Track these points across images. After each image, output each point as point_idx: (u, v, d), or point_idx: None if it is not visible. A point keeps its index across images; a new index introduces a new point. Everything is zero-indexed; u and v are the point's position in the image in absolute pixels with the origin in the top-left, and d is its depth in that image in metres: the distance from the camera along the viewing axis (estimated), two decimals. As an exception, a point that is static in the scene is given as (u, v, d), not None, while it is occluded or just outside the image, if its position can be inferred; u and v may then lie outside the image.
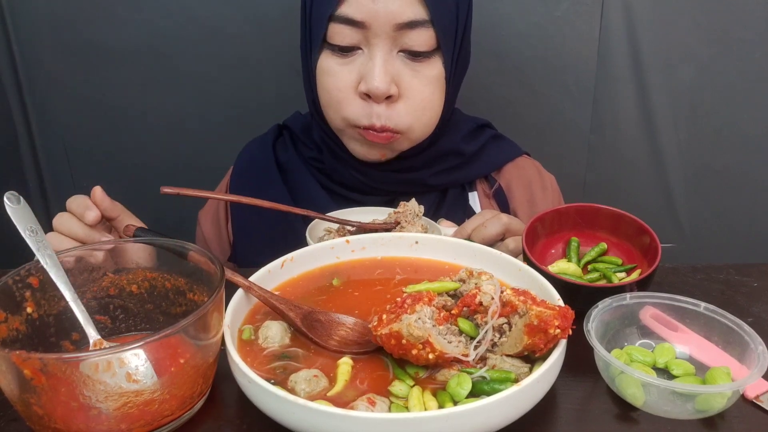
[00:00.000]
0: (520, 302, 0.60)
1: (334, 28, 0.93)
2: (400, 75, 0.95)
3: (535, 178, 1.16)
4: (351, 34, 0.93)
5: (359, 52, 0.95)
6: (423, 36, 0.93)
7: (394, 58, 0.94)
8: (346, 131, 1.00)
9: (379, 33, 0.91)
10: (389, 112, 0.96)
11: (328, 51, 0.96)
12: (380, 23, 0.91)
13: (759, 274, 0.86)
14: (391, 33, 0.92)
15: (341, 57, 0.95)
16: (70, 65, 1.40)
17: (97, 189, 0.83)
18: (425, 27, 0.92)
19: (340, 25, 0.92)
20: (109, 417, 0.55)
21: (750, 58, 1.37)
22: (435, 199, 1.11)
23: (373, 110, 0.95)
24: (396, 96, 0.95)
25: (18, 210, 0.68)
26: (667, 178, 1.49)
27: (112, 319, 0.71)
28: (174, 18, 1.36)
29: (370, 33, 0.92)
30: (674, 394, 0.60)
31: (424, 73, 0.96)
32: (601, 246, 0.83)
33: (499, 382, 0.58)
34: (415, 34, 0.92)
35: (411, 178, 1.07)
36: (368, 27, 0.91)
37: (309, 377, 0.59)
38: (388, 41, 0.92)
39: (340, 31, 0.93)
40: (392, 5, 0.90)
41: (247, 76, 1.41)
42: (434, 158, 1.08)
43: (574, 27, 1.36)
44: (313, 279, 0.77)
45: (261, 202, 0.89)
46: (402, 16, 0.90)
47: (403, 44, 0.93)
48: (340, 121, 0.99)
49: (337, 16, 0.92)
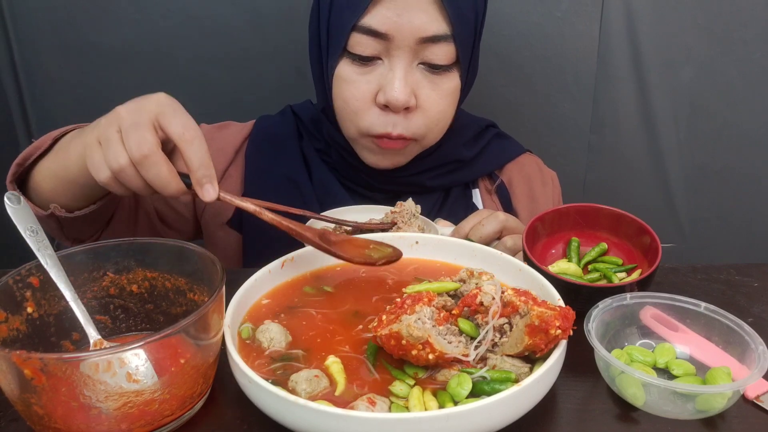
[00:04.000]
0: (521, 302, 0.60)
1: (355, 38, 0.92)
2: (419, 87, 0.95)
3: (535, 174, 1.16)
4: (373, 44, 0.92)
5: (379, 62, 0.94)
6: (444, 50, 0.93)
7: (414, 70, 0.94)
8: (360, 141, 1.00)
9: (402, 45, 0.91)
10: (406, 122, 0.96)
11: (347, 59, 0.95)
12: (403, 36, 0.90)
13: (759, 274, 0.86)
14: (413, 46, 0.91)
15: (361, 66, 0.95)
16: (70, 65, 1.40)
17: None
18: (447, 42, 0.92)
19: (362, 35, 0.92)
20: (109, 417, 0.55)
21: (750, 58, 1.37)
22: (438, 198, 1.11)
23: (390, 120, 0.95)
24: (413, 107, 0.95)
25: (18, 210, 0.68)
26: (667, 178, 1.49)
27: (113, 319, 0.71)
28: (174, 18, 1.36)
29: (392, 45, 0.91)
30: (674, 394, 0.60)
31: (443, 86, 0.96)
32: (601, 246, 0.83)
33: (500, 382, 0.58)
34: (437, 48, 0.92)
35: (412, 180, 1.08)
36: (391, 39, 0.91)
37: (310, 377, 0.59)
38: (410, 53, 0.92)
39: (361, 41, 0.92)
40: (417, 20, 0.89)
41: (247, 75, 1.41)
42: (435, 166, 1.08)
43: (574, 27, 1.36)
44: (313, 279, 0.77)
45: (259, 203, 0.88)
46: (426, 30, 0.90)
47: (424, 57, 0.93)
48: (355, 131, 0.99)
49: (360, 27, 0.91)
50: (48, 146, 0.87)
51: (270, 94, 1.41)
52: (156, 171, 0.69)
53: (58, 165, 0.84)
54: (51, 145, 0.87)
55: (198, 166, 0.70)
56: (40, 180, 0.87)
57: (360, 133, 0.98)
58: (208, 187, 0.71)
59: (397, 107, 0.93)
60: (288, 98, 1.18)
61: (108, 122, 0.71)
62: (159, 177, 0.70)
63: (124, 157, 0.69)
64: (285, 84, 1.38)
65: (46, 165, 0.86)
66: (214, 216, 1.11)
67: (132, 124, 0.69)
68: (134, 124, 0.69)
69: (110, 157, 0.70)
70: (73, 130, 0.87)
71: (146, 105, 0.71)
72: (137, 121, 0.69)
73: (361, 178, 1.07)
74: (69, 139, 0.85)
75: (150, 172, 0.69)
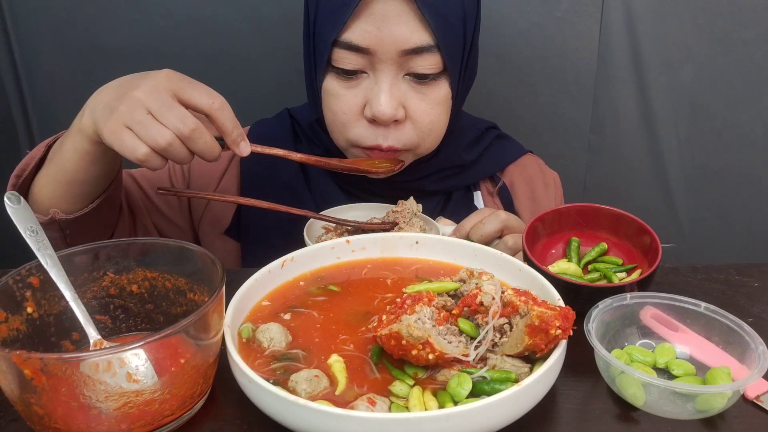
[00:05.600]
0: (522, 302, 0.60)
1: (338, 53, 0.92)
2: (407, 98, 0.94)
3: (537, 176, 1.16)
4: (356, 59, 0.91)
5: (364, 75, 0.93)
6: (429, 60, 0.91)
7: (400, 82, 0.93)
8: (351, 151, 1.00)
9: (385, 59, 0.90)
10: (397, 133, 0.95)
11: (333, 74, 0.95)
12: (386, 49, 0.89)
13: (759, 274, 0.86)
14: (397, 58, 0.90)
15: (346, 80, 0.94)
16: (70, 65, 1.40)
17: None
18: (432, 52, 0.90)
19: (344, 50, 0.91)
20: (109, 417, 0.55)
21: (750, 58, 1.37)
22: (440, 200, 1.11)
23: (379, 132, 0.95)
24: (403, 119, 0.94)
25: (18, 210, 0.68)
26: (667, 178, 1.49)
27: (113, 319, 0.71)
28: (174, 18, 1.36)
29: (375, 59, 0.90)
30: (674, 394, 0.60)
31: (431, 95, 0.95)
32: (601, 246, 0.83)
33: (500, 382, 0.58)
34: (422, 59, 0.91)
35: (413, 186, 1.07)
36: (373, 53, 0.90)
37: (310, 377, 0.59)
38: (394, 66, 0.91)
39: (344, 56, 0.91)
40: (397, 32, 0.88)
41: (247, 75, 1.41)
42: (435, 171, 1.08)
43: (574, 27, 1.36)
44: (313, 279, 0.77)
45: (258, 203, 0.89)
46: (408, 42, 0.89)
47: (409, 68, 0.92)
48: (344, 142, 0.99)
49: (341, 42, 0.90)
50: (42, 154, 0.88)
51: (269, 95, 1.41)
52: (204, 141, 0.77)
53: (55, 169, 0.85)
54: (45, 153, 0.89)
55: (232, 128, 0.79)
56: (38, 189, 0.88)
57: (350, 144, 0.98)
58: (243, 144, 0.82)
59: (384, 121, 0.92)
60: (287, 99, 1.18)
61: (130, 107, 0.75)
62: (207, 145, 0.78)
63: (169, 134, 0.74)
64: (284, 85, 1.38)
65: (44, 173, 0.88)
66: (211, 225, 1.11)
67: (163, 105, 0.75)
68: (165, 104, 0.75)
69: (152, 136, 0.74)
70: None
71: (160, 83, 0.76)
72: (165, 101, 0.75)
73: (361, 183, 1.07)
74: (60, 140, 0.87)
75: (199, 143, 0.77)
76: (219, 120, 0.78)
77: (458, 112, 1.05)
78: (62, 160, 0.84)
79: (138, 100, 0.75)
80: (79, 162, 0.82)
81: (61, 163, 0.84)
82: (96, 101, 0.80)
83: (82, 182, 0.84)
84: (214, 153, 0.79)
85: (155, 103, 0.74)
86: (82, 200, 0.87)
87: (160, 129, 0.74)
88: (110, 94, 0.78)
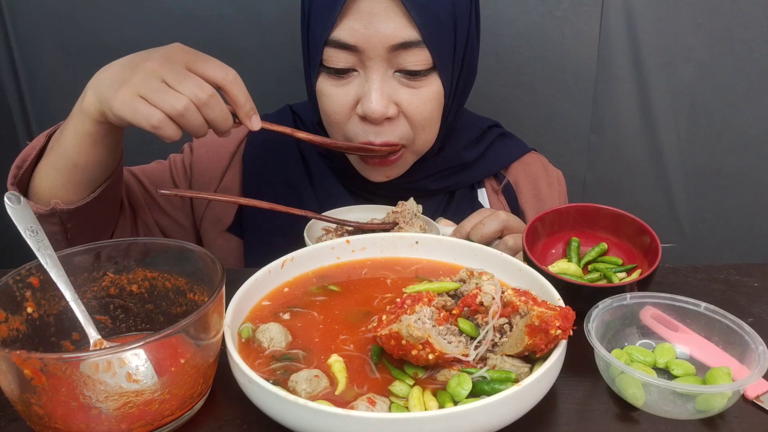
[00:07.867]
0: (522, 302, 0.60)
1: (328, 52, 0.93)
2: (398, 95, 0.94)
3: (540, 174, 1.16)
4: (346, 57, 0.92)
5: (355, 73, 0.94)
6: (418, 56, 0.92)
7: (391, 79, 0.93)
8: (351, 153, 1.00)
9: (373, 56, 0.91)
10: (391, 128, 0.96)
11: (324, 74, 0.96)
12: (374, 46, 0.90)
13: (759, 274, 0.86)
14: (385, 55, 0.91)
15: (337, 79, 0.95)
16: (70, 65, 1.40)
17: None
18: (419, 47, 0.91)
19: (334, 49, 0.92)
20: (109, 417, 0.55)
21: (750, 58, 1.37)
22: (443, 199, 1.11)
23: (371, 129, 0.95)
24: (395, 115, 0.95)
25: (18, 210, 0.68)
26: (667, 178, 1.49)
27: (113, 319, 0.71)
28: (174, 18, 1.36)
29: (364, 56, 0.91)
30: (674, 394, 0.60)
31: (422, 91, 0.95)
32: (601, 246, 0.83)
33: (500, 382, 0.58)
34: (410, 54, 0.91)
35: (415, 186, 1.07)
36: (362, 51, 0.91)
37: (310, 377, 0.59)
38: (383, 63, 0.92)
39: (334, 55, 0.92)
40: (384, 28, 0.89)
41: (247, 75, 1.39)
42: (437, 171, 1.08)
43: (574, 27, 1.36)
44: (314, 279, 0.77)
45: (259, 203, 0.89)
46: (394, 38, 0.90)
47: (399, 65, 0.92)
48: (342, 140, 0.99)
49: (331, 41, 0.92)
50: (43, 144, 0.88)
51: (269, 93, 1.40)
52: (220, 108, 0.79)
53: (56, 156, 0.86)
54: (46, 143, 0.88)
55: (244, 101, 0.82)
56: (39, 180, 0.87)
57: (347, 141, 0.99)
58: (255, 118, 0.84)
59: (375, 119, 0.93)
60: (287, 97, 1.18)
61: (144, 77, 0.76)
62: (223, 113, 0.79)
63: (186, 99, 0.76)
64: (285, 83, 1.38)
65: (44, 162, 0.88)
66: (214, 223, 1.11)
67: (179, 73, 0.76)
68: (180, 73, 0.77)
69: (169, 101, 0.75)
70: None
71: (173, 55, 0.78)
72: (180, 71, 0.77)
73: (364, 182, 1.07)
74: (60, 128, 0.87)
75: (216, 110, 0.78)
76: (232, 92, 0.80)
77: (459, 111, 1.05)
78: (63, 145, 0.84)
79: (152, 70, 0.76)
80: (80, 145, 0.83)
81: (62, 149, 0.84)
82: (99, 80, 0.81)
83: (82, 168, 0.85)
84: (228, 123, 0.80)
85: (170, 73, 0.76)
86: (83, 189, 0.87)
87: (176, 95, 0.76)
88: (117, 71, 0.79)
